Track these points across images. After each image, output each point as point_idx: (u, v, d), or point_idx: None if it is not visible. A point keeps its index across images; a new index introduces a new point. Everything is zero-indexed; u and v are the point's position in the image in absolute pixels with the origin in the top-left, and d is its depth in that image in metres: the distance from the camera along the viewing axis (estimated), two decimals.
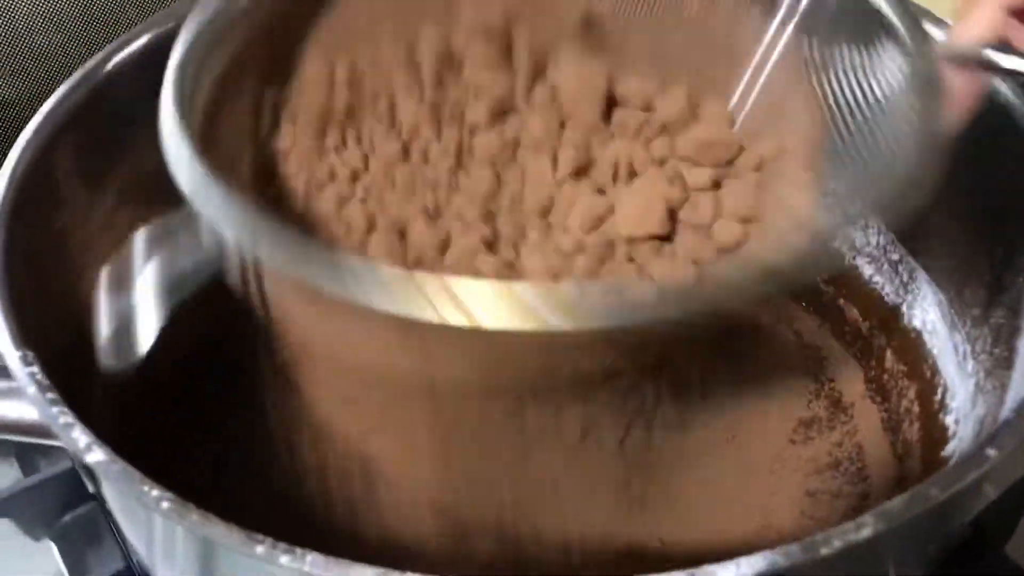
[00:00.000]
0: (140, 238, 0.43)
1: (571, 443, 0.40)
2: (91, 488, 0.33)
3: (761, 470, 0.42)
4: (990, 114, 0.35)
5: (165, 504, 0.27)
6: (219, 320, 0.47)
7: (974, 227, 0.40)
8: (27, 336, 0.32)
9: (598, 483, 0.41)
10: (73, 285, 0.40)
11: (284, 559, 0.25)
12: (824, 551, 0.25)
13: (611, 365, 0.34)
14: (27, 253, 0.35)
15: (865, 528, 0.26)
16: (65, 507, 0.48)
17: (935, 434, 0.41)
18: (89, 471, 0.32)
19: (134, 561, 0.44)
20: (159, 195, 0.42)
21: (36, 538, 0.47)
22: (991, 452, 0.28)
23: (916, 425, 0.43)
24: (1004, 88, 0.37)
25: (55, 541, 0.47)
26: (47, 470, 0.48)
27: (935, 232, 0.42)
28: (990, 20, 0.32)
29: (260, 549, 0.26)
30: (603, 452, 0.42)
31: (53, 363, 0.32)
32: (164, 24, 0.42)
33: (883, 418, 0.45)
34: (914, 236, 0.44)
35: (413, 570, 0.25)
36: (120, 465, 0.28)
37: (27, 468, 0.50)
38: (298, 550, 0.26)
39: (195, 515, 0.26)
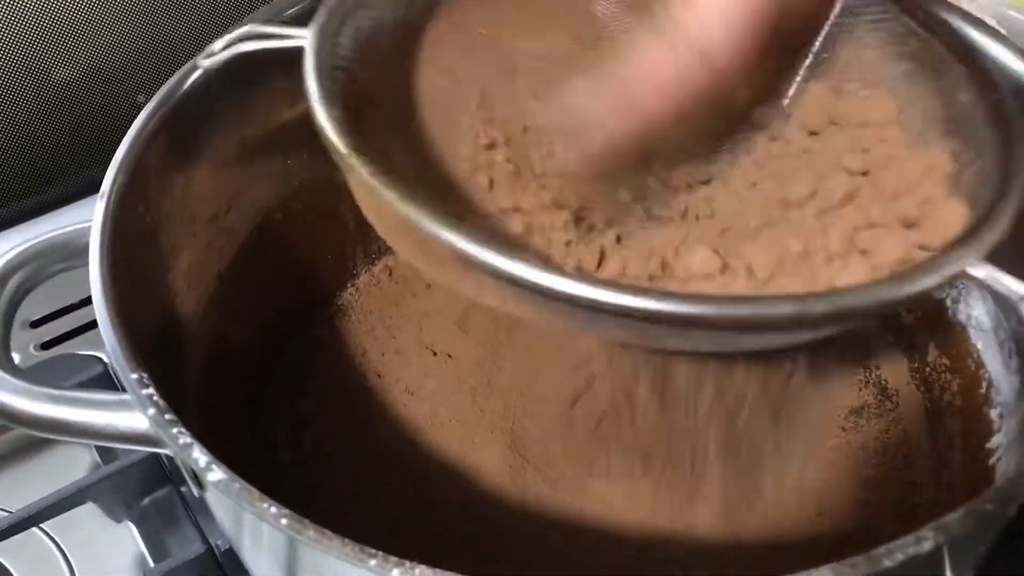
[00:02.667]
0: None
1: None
2: (195, 490, 0.36)
3: (816, 457, 0.45)
4: None
5: (284, 520, 0.29)
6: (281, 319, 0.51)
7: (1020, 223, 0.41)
8: (135, 346, 0.35)
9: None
10: (160, 279, 0.42)
11: (396, 572, 0.28)
12: (887, 563, 0.28)
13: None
14: (126, 259, 0.38)
15: (926, 542, 0.28)
16: (144, 491, 0.51)
17: (979, 427, 0.43)
18: (194, 475, 0.35)
19: (213, 544, 0.47)
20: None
21: (117, 520, 0.51)
22: None
23: (958, 418, 0.45)
24: None
25: (135, 524, 0.50)
26: (126, 456, 0.51)
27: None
28: None
29: (373, 563, 0.28)
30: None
31: (148, 359, 0.35)
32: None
33: (927, 407, 0.47)
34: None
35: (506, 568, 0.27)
36: (239, 484, 0.30)
37: (104, 453, 0.53)
38: (407, 563, 0.28)
39: (311, 531, 0.29)
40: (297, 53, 0.35)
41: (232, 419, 0.46)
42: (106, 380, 0.54)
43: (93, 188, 0.39)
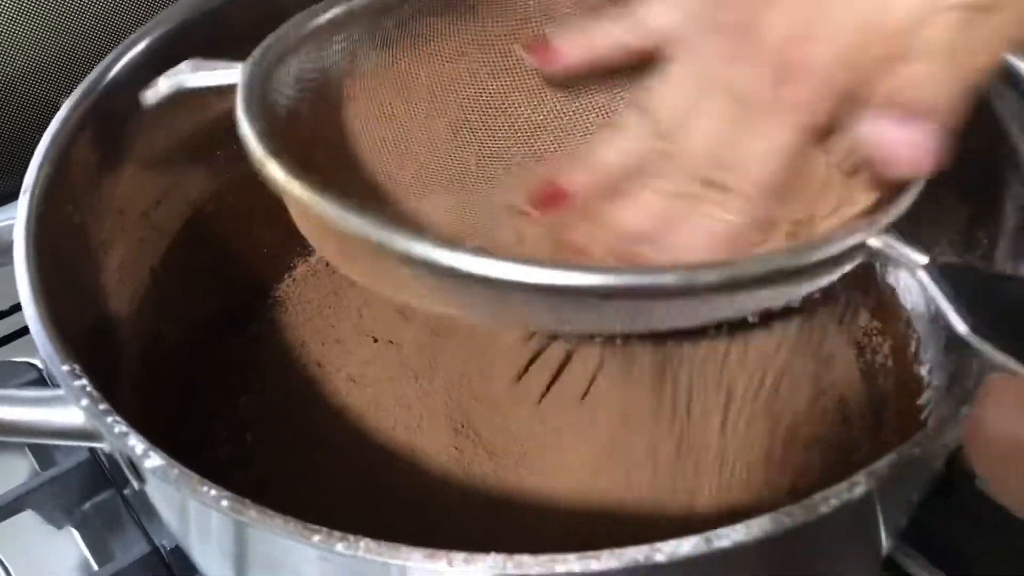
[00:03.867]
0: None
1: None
2: (135, 483, 0.36)
3: (758, 423, 0.45)
4: None
5: (224, 503, 0.29)
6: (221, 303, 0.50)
7: (941, 187, 0.42)
8: (66, 342, 0.34)
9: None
10: (91, 276, 0.42)
11: (340, 546, 0.28)
12: (823, 509, 0.28)
13: None
14: (54, 256, 0.37)
15: (858, 487, 0.29)
16: (84, 495, 0.50)
17: (910, 385, 0.44)
18: (133, 466, 0.35)
19: (158, 544, 0.46)
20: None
21: (58, 526, 0.50)
22: (965, 410, 0.31)
23: (891, 378, 0.46)
24: None
25: (77, 528, 0.50)
26: (65, 461, 0.50)
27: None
28: None
29: (316, 539, 0.28)
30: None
31: (81, 356, 0.34)
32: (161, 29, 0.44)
33: (861, 370, 0.48)
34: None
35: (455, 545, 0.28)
36: (177, 469, 0.30)
37: (42, 459, 0.52)
38: (351, 537, 0.28)
39: (253, 511, 0.29)
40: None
41: (170, 417, 0.45)
42: (41, 386, 0.53)
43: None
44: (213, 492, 0.29)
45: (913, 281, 0.45)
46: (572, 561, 0.27)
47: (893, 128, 0.32)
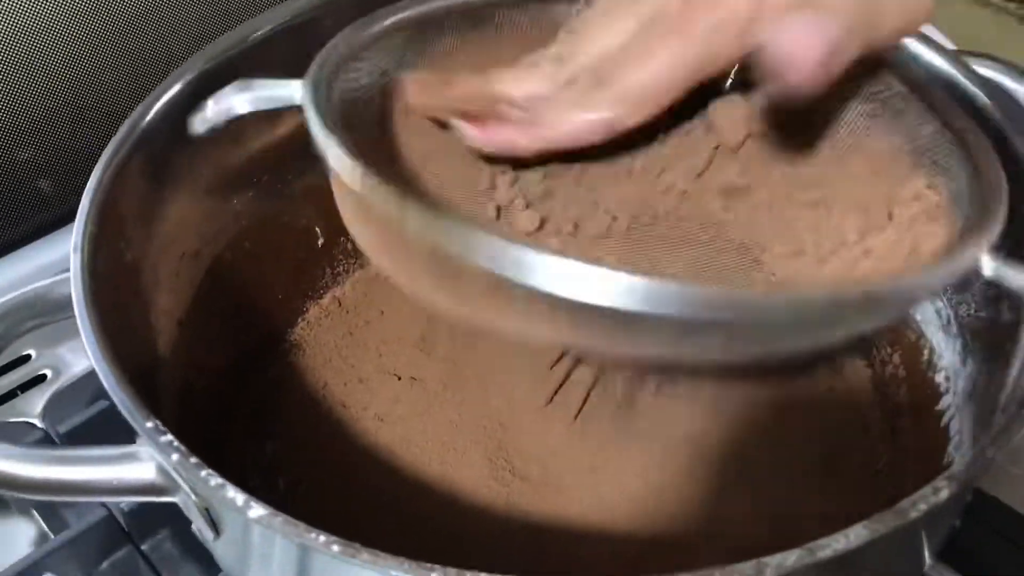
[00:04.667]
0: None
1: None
2: (210, 535, 0.35)
3: (783, 439, 0.47)
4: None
5: (336, 547, 0.29)
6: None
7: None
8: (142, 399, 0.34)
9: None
10: (142, 318, 0.42)
11: None
12: (913, 514, 0.30)
13: None
14: (111, 304, 0.37)
15: (942, 491, 0.30)
16: (103, 554, 0.50)
17: (926, 392, 0.46)
18: (210, 519, 0.35)
19: None
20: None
21: None
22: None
23: (904, 388, 0.48)
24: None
25: None
26: (82, 521, 0.49)
27: None
28: None
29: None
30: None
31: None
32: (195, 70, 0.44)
33: (871, 379, 0.50)
34: None
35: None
36: (281, 517, 0.30)
37: (50, 519, 0.51)
38: (468, 573, 0.29)
39: (366, 554, 0.29)
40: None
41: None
42: (47, 446, 0.52)
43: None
44: (322, 538, 0.30)
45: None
46: None
47: (790, 28, 0.34)
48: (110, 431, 0.36)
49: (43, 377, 0.57)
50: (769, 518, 0.44)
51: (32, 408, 0.55)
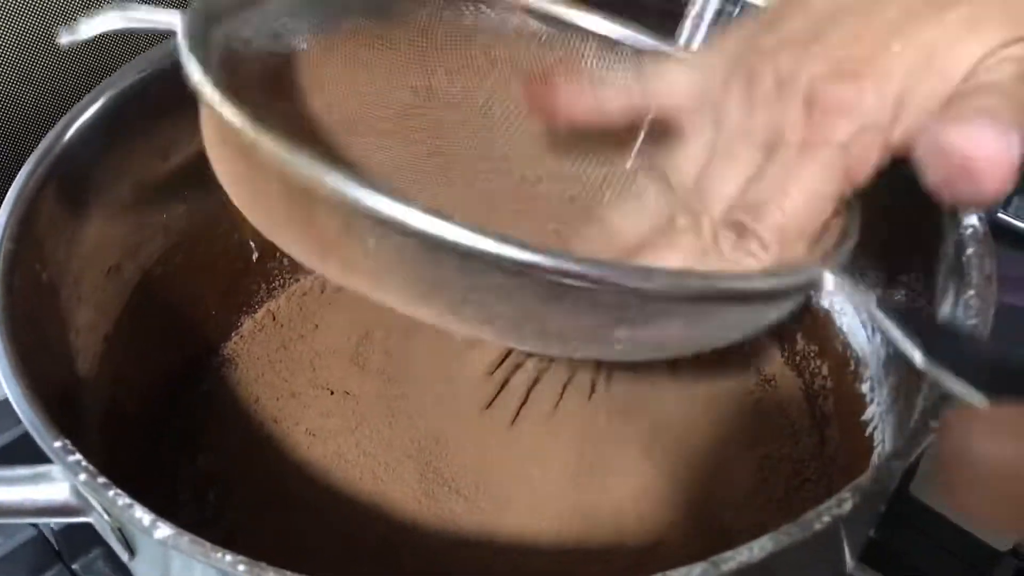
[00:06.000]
0: None
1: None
2: (124, 555, 0.35)
3: (717, 444, 0.48)
4: None
5: (241, 567, 0.29)
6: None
7: (872, 218, 0.45)
8: (51, 418, 0.34)
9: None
10: (60, 338, 0.41)
11: None
12: (817, 526, 0.30)
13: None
14: (27, 323, 0.37)
15: (846, 503, 0.31)
16: (33, 574, 0.49)
17: (853, 403, 0.47)
18: (124, 540, 0.35)
19: None
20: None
21: None
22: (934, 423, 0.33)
23: (831, 398, 0.49)
24: None
25: None
26: (12, 540, 0.49)
27: None
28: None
29: None
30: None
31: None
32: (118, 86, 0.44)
33: (803, 390, 0.50)
34: None
35: None
36: (187, 537, 0.30)
37: None
38: None
39: (271, 573, 0.29)
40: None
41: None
42: None
43: None
44: (228, 558, 0.29)
45: (847, 305, 0.48)
46: None
47: (963, 132, 0.30)
48: (37, 454, 0.35)
49: None
50: (705, 531, 0.44)
51: None
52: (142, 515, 0.30)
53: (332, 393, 0.51)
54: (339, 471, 0.47)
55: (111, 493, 0.31)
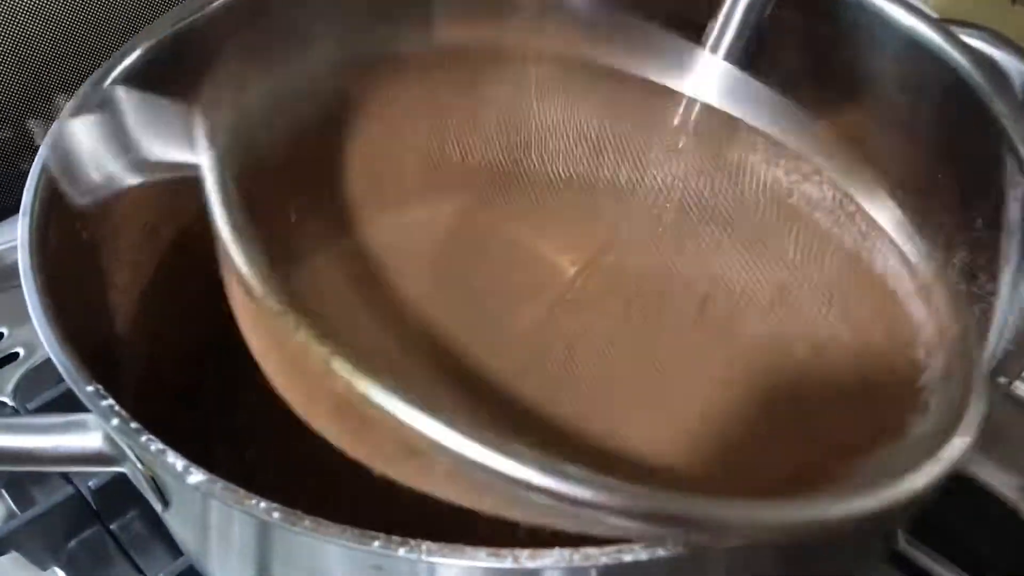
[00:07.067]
0: None
1: None
2: (159, 506, 0.35)
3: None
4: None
5: (276, 515, 0.28)
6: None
7: (929, 174, 0.44)
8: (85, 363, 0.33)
9: None
10: (99, 294, 0.41)
11: (401, 551, 0.27)
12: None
13: None
14: (62, 275, 0.36)
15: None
16: (70, 533, 0.49)
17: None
18: (157, 489, 0.34)
19: None
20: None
21: (43, 566, 0.48)
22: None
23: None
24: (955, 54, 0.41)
25: (63, 568, 0.48)
26: (50, 498, 0.49)
27: (890, 183, 0.46)
28: None
29: (376, 544, 0.28)
30: None
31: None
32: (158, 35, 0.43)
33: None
34: (869, 188, 0.48)
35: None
36: (221, 483, 0.29)
37: (19, 498, 0.51)
38: (411, 541, 0.28)
39: (307, 521, 0.28)
40: None
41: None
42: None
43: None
44: (263, 504, 0.29)
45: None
46: (639, 551, 0.27)
47: None
48: (79, 408, 0.34)
49: (15, 356, 0.57)
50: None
51: (3, 387, 0.55)
52: (175, 460, 0.30)
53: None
54: None
55: (144, 438, 0.30)
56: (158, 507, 0.34)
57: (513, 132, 0.47)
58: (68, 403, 0.51)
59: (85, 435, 0.34)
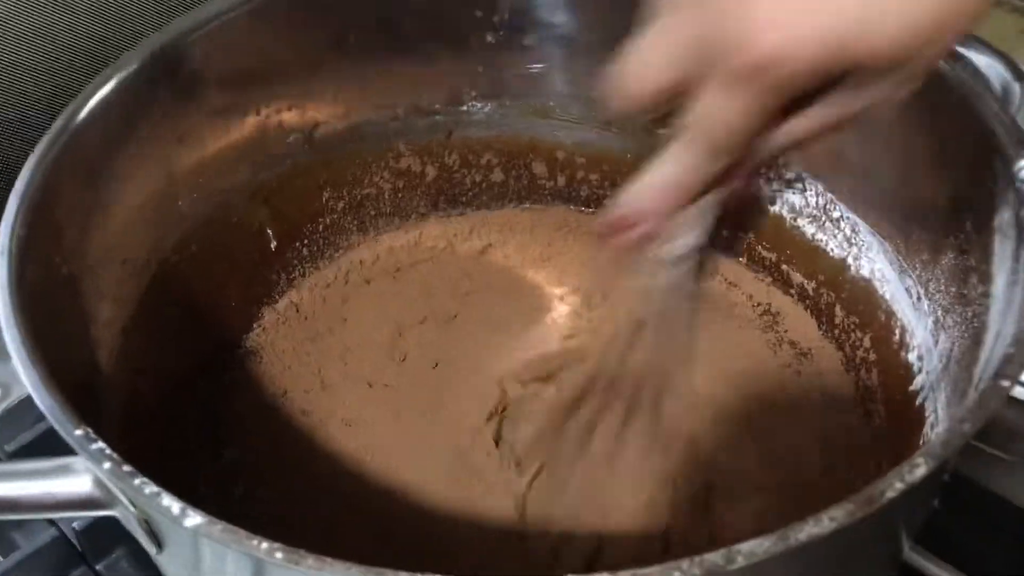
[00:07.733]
0: None
1: None
2: (152, 548, 0.34)
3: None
4: None
5: (279, 555, 0.28)
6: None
7: (914, 178, 0.44)
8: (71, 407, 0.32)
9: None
10: (81, 330, 0.40)
11: None
12: (889, 494, 0.28)
13: None
14: (44, 313, 0.36)
15: (918, 468, 0.29)
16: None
17: (899, 372, 0.45)
18: (151, 532, 0.33)
19: None
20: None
21: None
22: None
23: (875, 371, 0.47)
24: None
25: None
26: (33, 542, 0.48)
27: (875, 187, 0.46)
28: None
29: None
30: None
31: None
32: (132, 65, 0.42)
33: (842, 360, 0.49)
34: (854, 192, 0.48)
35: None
36: (220, 525, 0.28)
37: (1, 544, 0.49)
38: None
39: (311, 560, 0.27)
40: None
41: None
42: None
43: None
44: (265, 545, 0.28)
45: (890, 269, 0.46)
46: (657, 573, 0.26)
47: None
48: (61, 449, 0.33)
49: None
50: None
51: None
52: (171, 503, 0.29)
53: (370, 386, 0.49)
54: (374, 463, 0.46)
55: (137, 481, 0.29)
56: (152, 550, 0.33)
57: None
58: (48, 445, 0.51)
59: (72, 479, 0.32)
